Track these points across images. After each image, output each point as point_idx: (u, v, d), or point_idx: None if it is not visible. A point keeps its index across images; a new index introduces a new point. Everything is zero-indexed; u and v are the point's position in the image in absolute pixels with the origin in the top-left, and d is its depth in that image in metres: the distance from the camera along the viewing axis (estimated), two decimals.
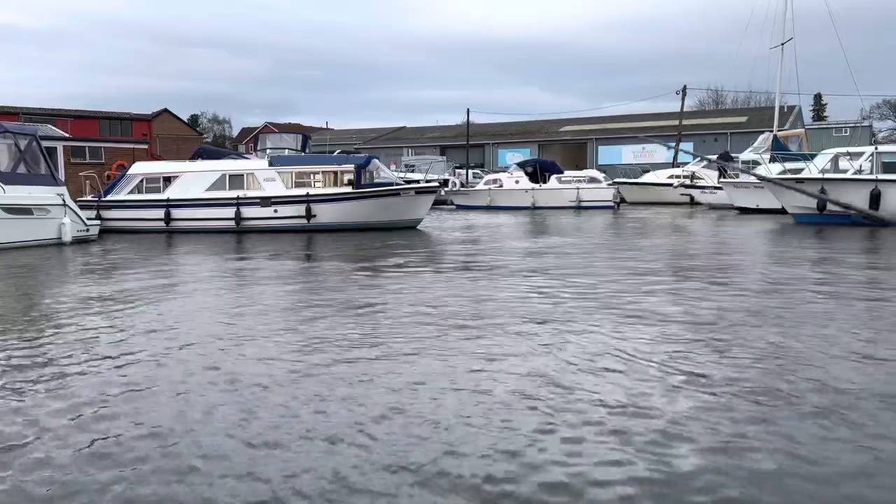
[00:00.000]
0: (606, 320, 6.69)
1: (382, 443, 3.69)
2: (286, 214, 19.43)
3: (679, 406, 4.19)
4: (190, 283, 10.14)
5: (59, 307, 7.98)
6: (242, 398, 4.49)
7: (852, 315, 6.87)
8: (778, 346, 5.60)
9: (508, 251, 13.67)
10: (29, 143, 16.41)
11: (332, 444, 3.70)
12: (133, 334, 6.41)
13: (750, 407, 4.16)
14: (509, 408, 4.21)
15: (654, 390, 4.50)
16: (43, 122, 33.30)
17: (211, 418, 4.12)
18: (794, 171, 22.41)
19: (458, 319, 6.82)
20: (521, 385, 4.65)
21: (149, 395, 4.58)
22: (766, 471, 3.29)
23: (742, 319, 6.65)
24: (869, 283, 9.17)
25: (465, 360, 5.29)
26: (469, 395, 4.46)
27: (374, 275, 10.52)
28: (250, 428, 3.95)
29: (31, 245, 15.26)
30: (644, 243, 15.05)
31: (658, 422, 3.93)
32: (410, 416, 4.09)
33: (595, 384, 4.65)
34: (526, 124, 61.92)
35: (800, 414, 4.05)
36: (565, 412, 4.12)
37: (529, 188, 31.88)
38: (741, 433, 3.75)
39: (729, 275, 10.06)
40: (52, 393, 4.65)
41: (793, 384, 4.59)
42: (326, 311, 7.36)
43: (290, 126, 71.50)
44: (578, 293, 8.30)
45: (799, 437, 3.70)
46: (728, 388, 4.53)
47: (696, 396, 4.38)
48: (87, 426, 4.01)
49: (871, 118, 56.05)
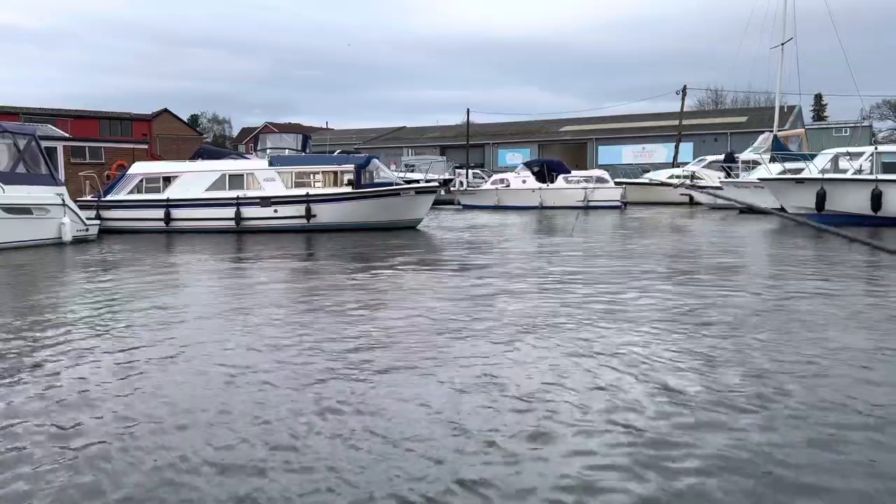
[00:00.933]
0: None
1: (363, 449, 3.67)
2: (286, 214, 19.42)
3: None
4: (190, 283, 10.13)
5: (55, 307, 7.97)
6: (228, 399, 4.48)
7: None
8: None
9: (516, 252, 13.65)
10: (28, 142, 16.39)
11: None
12: (133, 333, 6.40)
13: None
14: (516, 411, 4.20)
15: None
16: (43, 122, 33.28)
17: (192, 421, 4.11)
18: (793, 171, 22.40)
19: (454, 324, 6.81)
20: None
21: (148, 398, 4.57)
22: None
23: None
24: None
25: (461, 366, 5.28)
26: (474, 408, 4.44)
27: (377, 275, 10.51)
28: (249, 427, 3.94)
29: (30, 245, 15.25)
30: (680, 245, 15.04)
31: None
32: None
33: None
34: (526, 124, 61.91)
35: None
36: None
37: (537, 188, 31.79)
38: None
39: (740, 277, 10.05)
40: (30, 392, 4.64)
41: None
42: (323, 315, 7.36)
43: (290, 126, 71.45)
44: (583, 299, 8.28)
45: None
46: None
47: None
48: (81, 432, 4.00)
49: (871, 118, 56.13)
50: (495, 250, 13.98)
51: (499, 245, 15.12)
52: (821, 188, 19.38)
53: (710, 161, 33.87)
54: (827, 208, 19.32)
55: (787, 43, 31.00)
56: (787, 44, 31.00)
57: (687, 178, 32.80)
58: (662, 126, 51.35)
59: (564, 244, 14.98)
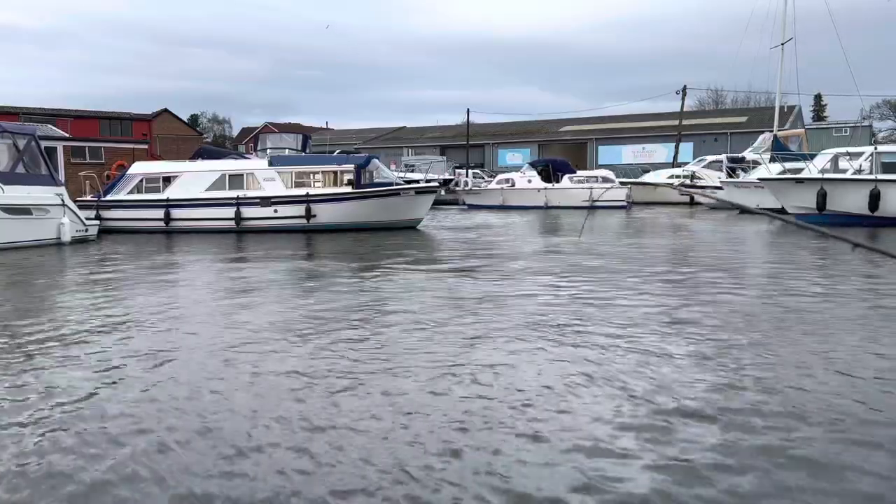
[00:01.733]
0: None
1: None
2: (286, 214, 19.41)
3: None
4: (190, 283, 10.14)
5: (50, 306, 7.98)
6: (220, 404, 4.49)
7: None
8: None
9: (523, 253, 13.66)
10: (27, 142, 16.36)
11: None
12: (130, 332, 6.41)
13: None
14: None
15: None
16: (43, 122, 33.27)
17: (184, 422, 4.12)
18: (793, 171, 22.39)
19: (454, 326, 6.82)
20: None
21: (144, 400, 4.58)
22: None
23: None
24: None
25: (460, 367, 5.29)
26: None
27: (380, 275, 10.52)
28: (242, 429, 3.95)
29: (29, 245, 15.22)
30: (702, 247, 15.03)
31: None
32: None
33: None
34: (526, 124, 61.90)
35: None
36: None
37: (542, 188, 31.68)
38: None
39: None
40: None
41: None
42: (327, 316, 7.37)
43: (289, 126, 71.41)
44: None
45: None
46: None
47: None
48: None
49: (871, 118, 56.05)
50: (510, 255, 13.99)
51: (509, 248, 15.13)
52: (821, 188, 19.39)
53: (711, 161, 33.86)
54: (828, 208, 19.34)
55: (787, 43, 31.06)
56: (787, 44, 31.07)
57: (687, 178, 32.78)
58: (662, 126, 51.35)
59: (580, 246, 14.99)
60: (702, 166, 33.57)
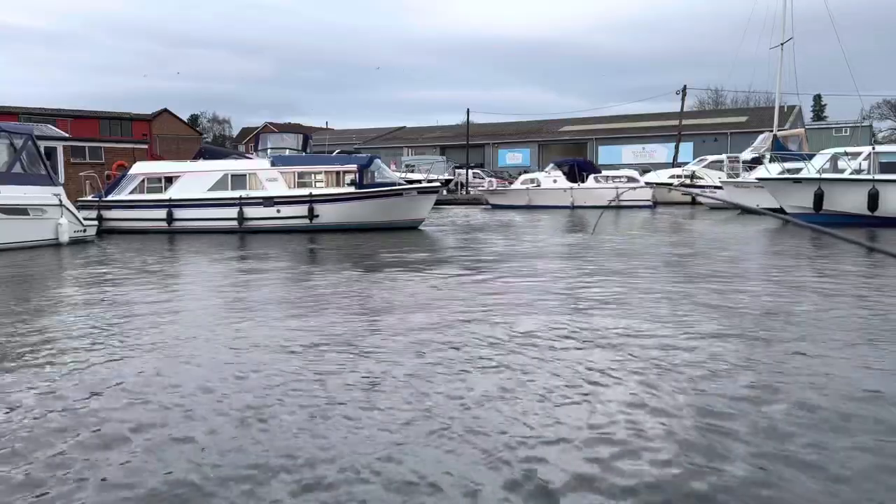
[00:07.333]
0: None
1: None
2: (289, 214, 19.44)
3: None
4: (189, 284, 10.19)
5: (47, 306, 8.03)
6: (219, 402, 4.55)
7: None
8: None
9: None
10: (24, 142, 16.21)
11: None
12: (128, 333, 6.47)
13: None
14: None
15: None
16: (43, 122, 33.27)
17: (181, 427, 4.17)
18: (793, 171, 22.44)
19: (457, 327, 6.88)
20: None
21: (144, 403, 4.63)
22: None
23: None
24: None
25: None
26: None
27: (382, 277, 10.58)
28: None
29: (27, 246, 15.11)
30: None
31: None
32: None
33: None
34: (526, 124, 61.96)
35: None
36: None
37: (568, 188, 31.70)
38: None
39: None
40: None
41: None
42: (335, 315, 7.42)
43: (289, 126, 71.40)
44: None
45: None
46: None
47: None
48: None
49: (871, 118, 56.16)
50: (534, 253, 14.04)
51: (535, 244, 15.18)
52: (818, 188, 19.43)
53: (711, 161, 33.93)
54: (825, 208, 19.38)
55: (787, 43, 31.11)
56: (787, 44, 31.11)
57: (687, 178, 32.86)
58: (662, 126, 51.43)
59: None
60: (702, 166, 33.63)
